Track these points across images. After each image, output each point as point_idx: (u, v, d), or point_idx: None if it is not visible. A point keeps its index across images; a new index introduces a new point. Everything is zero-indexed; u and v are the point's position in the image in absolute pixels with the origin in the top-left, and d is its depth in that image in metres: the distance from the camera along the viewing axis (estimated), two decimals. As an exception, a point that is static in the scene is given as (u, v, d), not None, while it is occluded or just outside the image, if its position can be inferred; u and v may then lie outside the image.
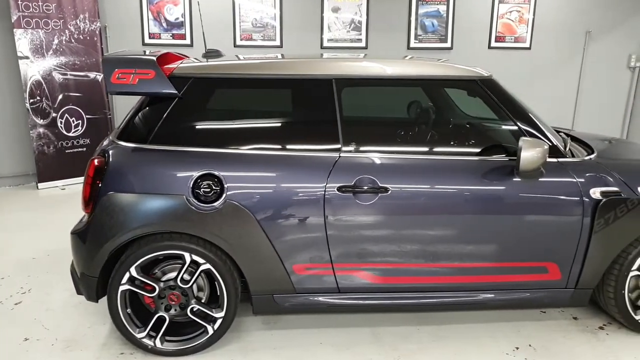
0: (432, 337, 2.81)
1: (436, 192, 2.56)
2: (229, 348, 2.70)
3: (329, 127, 2.59)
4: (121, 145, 2.56)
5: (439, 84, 2.74)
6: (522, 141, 2.47)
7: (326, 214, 2.50)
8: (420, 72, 2.68)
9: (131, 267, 2.48)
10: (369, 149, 2.61)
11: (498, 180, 2.58)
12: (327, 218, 2.51)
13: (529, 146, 2.45)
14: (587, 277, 2.73)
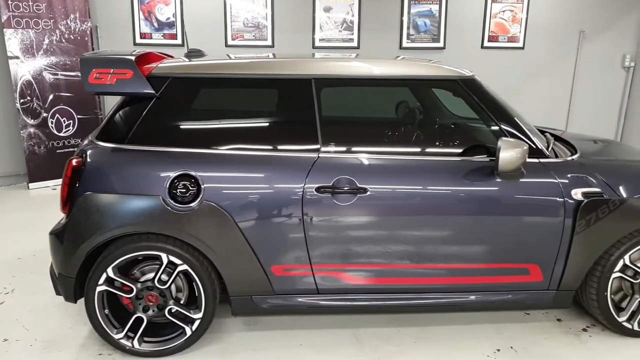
0: (414, 338, 2.80)
1: (416, 193, 2.54)
2: (208, 349, 2.68)
3: (308, 127, 2.57)
4: (99, 145, 2.55)
5: (419, 84, 2.72)
6: (501, 141, 2.45)
7: (304, 214, 2.49)
8: (400, 72, 2.66)
9: (108, 268, 2.46)
10: (348, 150, 2.60)
11: (478, 181, 2.56)
12: (305, 219, 2.49)
13: (507, 147, 2.43)
14: (569, 278, 2.71)
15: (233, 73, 2.61)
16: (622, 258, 2.68)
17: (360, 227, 2.53)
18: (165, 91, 2.56)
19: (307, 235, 2.52)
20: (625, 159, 2.88)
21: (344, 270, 2.61)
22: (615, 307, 2.80)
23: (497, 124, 2.64)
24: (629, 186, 2.64)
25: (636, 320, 2.78)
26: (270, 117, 2.67)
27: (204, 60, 2.74)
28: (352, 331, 2.85)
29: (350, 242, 2.55)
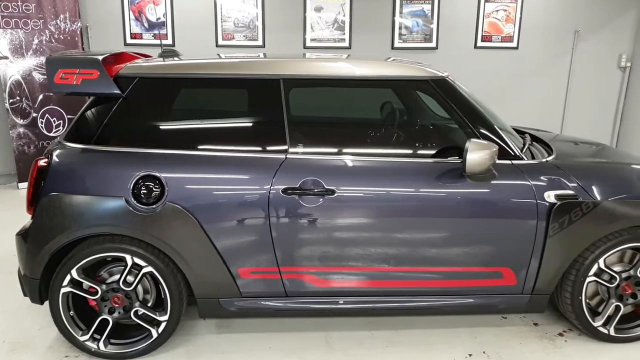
0: (385, 342, 2.76)
1: (385, 195, 2.50)
2: (176, 351, 2.66)
3: (276, 128, 2.54)
4: (65, 146, 2.54)
5: (389, 85, 2.68)
6: (469, 143, 2.41)
7: (271, 216, 2.46)
8: (368, 73, 2.62)
9: (72, 270, 2.45)
10: (316, 151, 2.56)
11: (449, 183, 2.52)
12: (271, 221, 2.46)
13: (475, 148, 2.39)
14: (543, 282, 2.67)
15: (201, 73, 2.58)
16: (597, 262, 2.63)
17: (328, 229, 2.50)
18: (132, 91, 2.54)
19: (274, 238, 2.49)
20: (601, 161, 2.82)
21: (313, 272, 2.57)
22: (591, 312, 2.75)
23: (468, 125, 2.60)
24: (604, 188, 2.58)
25: (612, 326, 2.72)
26: (238, 118, 2.65)
27: (173, 61, 2.72)
28: (324, 334, 2.82)
29: (318, 244, 2.52)
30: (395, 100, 3.10)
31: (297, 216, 2.47)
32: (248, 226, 2.47)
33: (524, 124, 6.15)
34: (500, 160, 2.58)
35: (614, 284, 2.68)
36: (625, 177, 2.67)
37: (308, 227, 2.49)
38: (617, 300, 2.70)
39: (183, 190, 2.43)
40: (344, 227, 2.50)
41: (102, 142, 2.52)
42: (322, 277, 2.58)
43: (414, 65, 2.73)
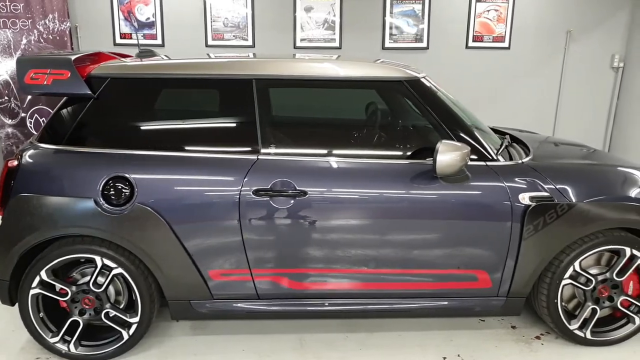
0: (359, 345, 2.74)
1: (358, 196, 2.48)
2: (148, 353, 2.65)
3: (248, 129, 2.53)
4: (37, 146, 2.53)
5: (361, 85, 2.65)
6: (440, 144, 2.38)
7: (241, 218, 2.44)
8: (341, 74, 2.60)
9: (42, 271, 2.44)
10: (288, 152, 2.55)
11: (422, 184, 2.50)
12: (242, 222, 2.44)
13: (445, 149, 2.36)
14: (518, 285, 2.64)
15: (173, 73, 2.57)
16: (573, 264, 2.61)
17: (300, 231, 2.48)
18: (104, 92, 2.53)
19: (245, 239, 2.47)
20: (578, 163, 2.79)
21: (285, 275, 2.55)
22: (568, 315, 2.72)
23: (442, 127, 2.57)
24: (579, 190, 2.56)
25: (588, 329, 2.69)
26: (210, 118, 2.63)
27: (145, 61, 2.70)
28: (298, 336, 2.80)
29: (289, 246, 2.50)
30: (380, 101, 3.07)
31: (268, 218, 2.45)
32: (219, 228, 2.45)
33: (516, 124, 6.13)
34: (475, 161, 2.56)
35: (590, 287, 2.66)
36: (601, 179, 2.64)
37: (279, 229, 2.47)
38: (593, 303, 2.68)
39: (153, 191, 2.41)
40: (316, 229, 2.48)
41: (73, 143, 2.50)
42: (294, 280, 2.57)
43: (388, 65, 2.71)
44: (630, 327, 2.73)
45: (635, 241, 2.61)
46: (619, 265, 2.64)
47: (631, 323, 2.73)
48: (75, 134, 2.51)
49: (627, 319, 2.74)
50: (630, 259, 2.64)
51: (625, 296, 2.69)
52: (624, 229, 2.63)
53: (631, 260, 2.64)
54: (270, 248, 2.49)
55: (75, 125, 2.52)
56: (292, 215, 2.45)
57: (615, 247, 2.61)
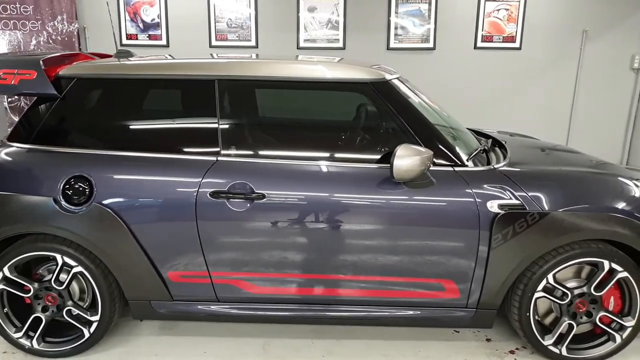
0: (323, 352, 2.68)
1: (318, 200, 2.43)
2: (111, 352, 2.66)
3: (209, 130, 2.51)
4: (6, 145, 2.57)
5: (325, 87, 2.59)
6: (398, 148, 2.30)
7: (198, 220, 2.41)
8: (305, 75, 2.55)
9: (4, 267, 2.47)
10: (248, 154, 2.51)
11: (385, 190, 2.42)
12: (199, 224, 2.42)
13: (403, 154, 2.28)
14: (488, 297, 2.53)
15: (137, 74, 2.57)
16: (546, 276, 2.47)
17: (258, 234, 2.44)
18: (70, 92, 2.55)
19: (202, 242, 2.44)
20: (556, 170, 2.65)
21: (243, 278, 2.52)
22: (544, 330, 2.59)
23: (408, 130, 2.49)
24: (553, 199, 2.43)
25: (564, 345, 2.56)
26: (171, 119, 2.61)
27: (109, 61, 2.71)
28: (263, 341, 2.76)
29: (247, 249, 2.46)
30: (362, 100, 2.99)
31: (226, 220, 2.42)
32: (176, 229, 2.44)
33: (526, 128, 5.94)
34: (442, 166, 2.47)
35: (566, 301, 2.52)
36: (579, 187, 2.50)
37: (237, 232, 2.44)
38: (569, 319, 2.54)
39: (111, 191, 2.41)
40: (274, 233, 2.44)
41: (39, 142, 2.53)
42: (253, 283, 2.53)
43: (353, 67, 2.63)
44: (611, 345, 2.58)
45: (615, 254, 2.46)
46: (596, 279, 2.50)
47: (611, 341, 2.57)
48: (41, 133, 2.54)
49: (608, 336, 2.59)
50: (610, 272, 2.49)
51: (604, 312, 2.54)
52: (604, 241, 2.48)
53: (610, 275, 2.49)
54: (228, 251, 2.46)
55: (42, 125, 2.55)
56: (249, 218, 2.41)
57: (594, 259, 2.47)
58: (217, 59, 2.68)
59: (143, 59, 2.71)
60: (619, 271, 2.47)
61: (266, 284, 2.53)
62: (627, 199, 2.48)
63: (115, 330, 2.81)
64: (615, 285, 2.55)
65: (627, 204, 2.45)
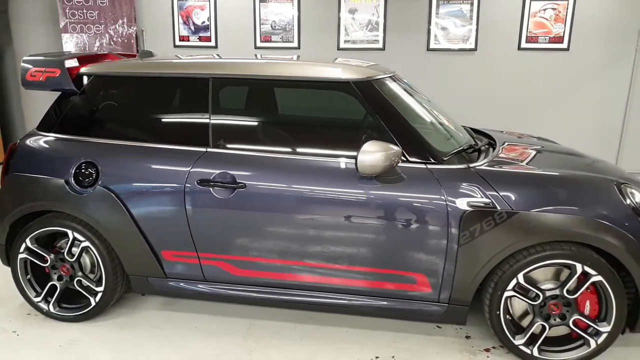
0: (302, 335, 2.83)
1: (295, 191, 2.58)
2: (115, 321, 2.98)
3: (201, 123, 2.75)
4: (34, 133, 2.97)
5: (309, 86, 2.73)
6: (365, 144, 2.41)
7: (187, 205, 2.66)
8: (290, 74, 2.71)
9: (27, 239, 2.87)
10: (235, 146, 2.72)
11: (359, 184, 2.53)
12: (187, 209, 2.67)
13: (367, 149, 2.38)
14: (459, 293, 2.57)
15: (143, 72, 2.87)
16: (516, 276, 2.47)
17: (240, 220, 2.64)
18: (87, 88, 2.91)
19: (191, 225, 2.69)
20: (533, 171, 2.61)
21: (227, 261, 2.73)
22: (519, 330, 2.58)
23: (385, 128, 2.58)
24: (524, 199, 2.42)
25: (536, 346, 2.53)
26: (170, 113, 2.87)
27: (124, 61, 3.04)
28: (249, 321, 2.97)
29: (230, 234, 2.67)
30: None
31: (210, 206, 2.65)
32: (168, 213, 2.70)
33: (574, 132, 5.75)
34: (415, 163, 2.54)
35: (538, 302, 2.50)
36: (551, 190, 2.47)
37: (221, 218, 2.65)
38: (542, 320, 2.51)
39: (114, 176, 2.73)
40: (254, 220, 2.63)
41: (60, 131, 2.91)
42: (236, 266, 2.74)
43: (340, 66, 2.76)
44: (585, 349, 2.52)
45: (589, 257, 2.40)
46: (569, 282, 2.45)
47: (586, 346, 2.51)
48: (62, 124, 2.91)
49: (583, 341, 2.52)
50: (584, 275, 2.44)
51: (578, 316, 2.48)
52: (582, 244, 2.43)
53: (585, 277, 2.44)
54: (213, 235, 2.69)
55: (63, 116, 2.92)
56: (231, 205, 2.62)
57: (566, 262, 2.43)
58: (212, 59, 2.92)
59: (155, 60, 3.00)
60: (593, 275, 2.41)
61: (248, 267, 2.73)
62: (601, 202, 2.42)
63: (121, 303, 3.14)
64: (592, 290, 2.49)
65: (600, 207, 2.40)
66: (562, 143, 5.76)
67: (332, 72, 2.70)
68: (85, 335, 2.84)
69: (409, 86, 3.17)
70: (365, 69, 2.79)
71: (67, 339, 2.81)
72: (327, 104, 2.96)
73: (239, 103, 2.89)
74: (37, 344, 2.76)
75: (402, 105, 2.74)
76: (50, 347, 2.73)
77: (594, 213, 2.38)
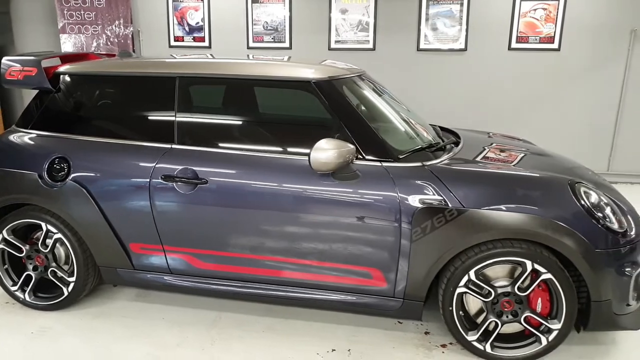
0: (265, 328, 2.91)
1: (253, 187, 2.66)
2: (88, 310, 3.09)
3: (168, 121, 2.84)
4: (14, 129, 3.10)
5: (273, 85, 2.81)
6: (319, 142, 2.47)
7: (152, 199, 2.76)
8: (255, 73, 2.80)
9: (3, 230, 2.99)
10: (198, 143, 2.81)
11: (314, 181, 2.60)
12: (153, 203, 2.77)
13: (319, 147, 2.45)
14: (412, 288, 2.63)
15: (114, 72, 2.99)
16: (468, 273, 2.52)
17: (201, 215, 2.73)
18: (61, 86, 3.03)
19: (156, 219, 2.79)
20: (484, 170, 2.65)
21: (190, 254, 2.83)
22: (472, 325, 2.63)
23: (343, 126, 2.64)
24: (477, 197, 2.47)
25: (488, 342, 2.58)
26: (139, 110, 2.96)
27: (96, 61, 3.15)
28: (217, 314, 3.05)
29: (192, 228, 2.76)
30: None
31: (174, 201, 2.74)
32: (135, 207, 2.80)
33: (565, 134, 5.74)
34: (371, 161, 2.60)
35: (490, 299, 2.54)
36: (502, 188, 2.51)
37: (183, 212, 2.75)
38: (494, 317, 2.56)
39: (83, 171, 2.84)
40: (215, 215, 2.72)
41: (37, 128, 3.03)
42: (199, 259, 2.83)
43: (303, 66, 2.84)
44: (537, 346, 2.55)
45: (539, 255, 2.44)
46: (520, 279, 2.49)
47: (538, 343, 2.55)
48: (38, 121, 3.04)
49: (535, 338, 2.56)
50: (536, 273, 2.48)
51: (530, 313, 2.52)
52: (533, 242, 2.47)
53: (536, 275, 2.48)
54: (176, 228, 2.78)
55: (40, 113, 3.04)
56: (193, 200, 2.72)
57: (517, 259, 2.47)
58: (178, 59, 3.01)
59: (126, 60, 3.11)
60: (543, 272, 2.45)
61: (211, 260, 2.81)
62: (552, 201, 2.46)
63: (96, 293, 3.26)
64: (543, 287, 2.53)
65: (551, 206, 2.43)
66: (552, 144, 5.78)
67: (295, 72, 2.78)
68: (58, 323, 2.96)
69: (377, 86, 3.23)
70: (327, 69, 2.86)
71: (40, 326, 2.93)
72: (292, 103, 3.04)
73: (205, 101, 2.98)
74: (11, 330, 2.88)
75: (367, 104, 2.81)
76: (22, 333, 2.85)
77: (544, 212, 2.42)
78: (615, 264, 2.45)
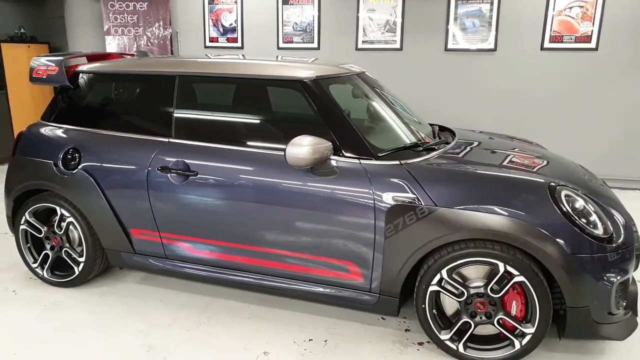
0: (251, 315, 3.05)
1: (240, 180, 2.81)
2: (96, 289, 3.36)
3: (166, 117, 3.05)
4: (39, 122, 3.42)
5: (265, 84, 2.94)
6: (295, 137, 2.58)
7: (149, 189, 2.98)
8: (248, 73, 2.94)
9: (26, 213, 3.31)
10: (193, 138, 2.99)
11: (295, 175, 2.71)
12: (149, 193, 2.98)
13: (297, 143, 2.55)
14: (387, 284, 2.68)
15: (123, 70, 3.23)
16: (440, 271, 2.54)
17: (192, 205, 2.91)
18: (79, 83, 3.31)
19: (153, 207, 3.00)
20: (464, 170, 2.65)
21: (183, 241, 3.02)
22: (447, 324, 2.64)
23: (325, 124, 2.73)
24: (450, 196, 2.49)
25: (461, 342, 2.58)
26: (142, 106, 3.18)
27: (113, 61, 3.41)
28: (210, 299, 3.23)
29: (185, 217, 2.95)
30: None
31: (168, 191, 2.94)
32: (135, 195, 3.02)
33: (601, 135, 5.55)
34: (349, 158, 2.68)
35: (463, 299, 2.55)
36: (476, 188, 2.51)
37: (176, 202, 2.94)
38: (468, 317, 2.57)
39: (91, 160, 3.10)
40: (205, 205, 2.89)
41: (56, 121, 3.33)
42: (191, 246, 3.01)
43: (293, 66, 2.95)
44: (510, 350, 2.53)
45: (512, 257, 2.43)
46: (492, 281, 2.49)
47: (511, 346, 2.53)
48: (58, 114, 3.34)
49: (509, 341, 2.54)
50: (509, 275, 2.46)
51: (503, 315, 2.51)
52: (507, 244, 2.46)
53: (510, 277, 2.46)
54: (171, 216, 2.98)
55: (59, 108, 3.34)
56: (184, 191, 2.90)
57: (490, 260, 2.47)
58: (179, 58, 3.21)
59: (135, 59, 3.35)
60: (515, 275, 2.43)
61: (202, 248, 2.99)
62: (528, 204, 2.43)
63: (106, 275, 3.53)
64: (520, 290, 2.51)
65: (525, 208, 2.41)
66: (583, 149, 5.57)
67: (286, 72, 2.90)
68: (69, 299, 3.24)
69: (375, 85, 3.29)
70: (316, 68, 2.96)
71: (54, 300, 3.23)
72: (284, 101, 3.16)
73: (202, 99, 3.16)
74: (28, 303, 3.19)
75: (358, 103, 2.87)
76: (38, 305, 3.16)
77: (516, 214, 2.40)
78: (594, 270, 2.39)
